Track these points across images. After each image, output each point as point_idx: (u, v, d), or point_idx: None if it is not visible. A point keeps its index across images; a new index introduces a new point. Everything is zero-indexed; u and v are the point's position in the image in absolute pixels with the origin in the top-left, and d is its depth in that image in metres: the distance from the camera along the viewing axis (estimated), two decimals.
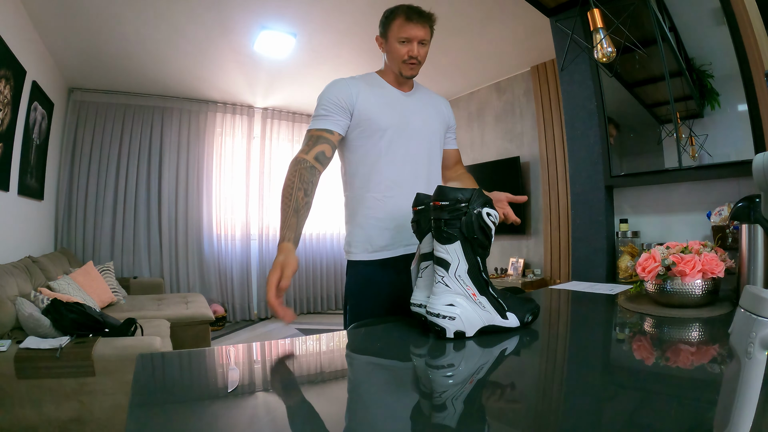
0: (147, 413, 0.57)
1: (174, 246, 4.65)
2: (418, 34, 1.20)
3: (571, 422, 0.54)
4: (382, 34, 1.26)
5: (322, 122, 1.21)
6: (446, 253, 0.87)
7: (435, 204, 0.87)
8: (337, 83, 1.24)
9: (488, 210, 0.86)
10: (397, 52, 1.22)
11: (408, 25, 1.19)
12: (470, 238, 0.86)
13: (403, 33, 1.20)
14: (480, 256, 0.88)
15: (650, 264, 1.11)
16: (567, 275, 3.63)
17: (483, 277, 0.89)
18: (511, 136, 4.41)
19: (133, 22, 3.06)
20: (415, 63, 1.23)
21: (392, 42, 1.22)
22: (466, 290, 0.88)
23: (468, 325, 0.87)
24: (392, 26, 1.22)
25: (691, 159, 1.67)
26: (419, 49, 1.22)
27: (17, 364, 1.72)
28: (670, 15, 1.70)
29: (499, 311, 0.90)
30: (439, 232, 0.87)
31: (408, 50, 1.21)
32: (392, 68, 1.26)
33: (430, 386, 0.69)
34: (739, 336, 0.37)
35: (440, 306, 0.87)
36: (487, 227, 0.86)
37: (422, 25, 1.20)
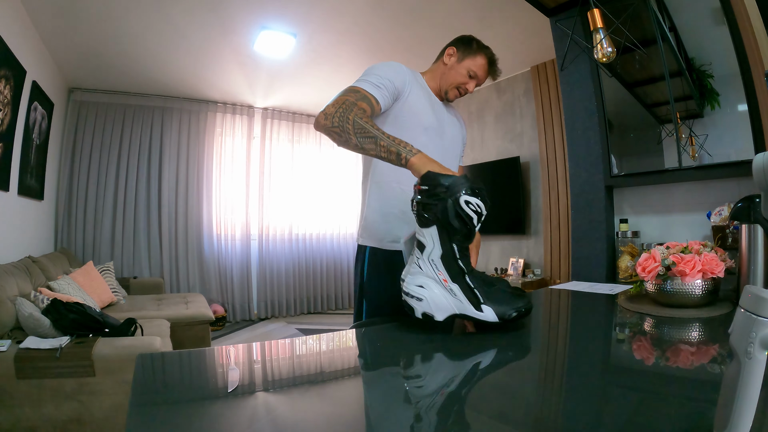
0: (147, 413, 0.57)
1: (174, 246, 4.65)
2: (482, 76, 1.33)
3: (571, 422, 0.54)
4: (460, 51, 1.32)
5: (373, 89, 1.13)
6: (423, 236, 0.89)
7: (416, 187, 0.88)
8: (396, 66, 1.22)
9: (467, 198, 0.84)
10: (459, 77, 1.31)
11: (484, 69, 1.31)
12: (446, 224, 0.85)
13: (476, 69, 1.30)
14: (457, 244, 0.87)
15: (650, 264, 1.11)
16: (567, 275, 3.63)
17: (459, 265, 0.88)
18: (511, 136, 4.41)
19: (133, 22, 3.06)
20: (462, 92, 1.33)
21: (462, 66, 1.31)
22: (437, 275, 0.88)
23: (435, 308, 0.87)
24: (474, 57, 1.31)
25: (691, 159, 1.67)
26: (474, 87, 1.34)
27: (17, 364, 1.72)
28: (670, 15, 1.70)
29: (472, 302, 0.88)
30: (419, 215, 0.88)
31: (467, 84, 1.31)
32: (441, 83, 1.33)
33: (427, 386, 0.69)
34: (739, 336, 0.37)
35: (411, 286, 0.89)
36: (465, 215, 0.84)
37: (491, 75, 1.34)
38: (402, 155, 0.95)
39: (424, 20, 3.14)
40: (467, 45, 1.32)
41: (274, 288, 5.14)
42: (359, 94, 1.10)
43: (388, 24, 3.18)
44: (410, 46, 3.55)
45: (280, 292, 5.16)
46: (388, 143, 0.97)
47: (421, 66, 1.40)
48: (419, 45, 3.55)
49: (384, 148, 0.97)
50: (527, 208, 4.12)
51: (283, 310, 5.15)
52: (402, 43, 3.49)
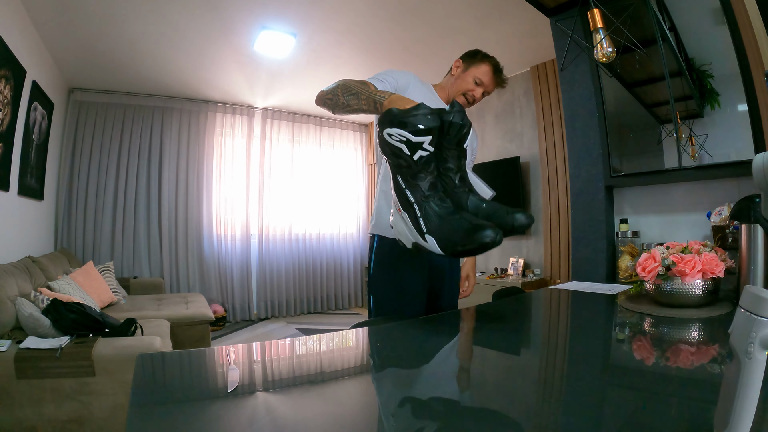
0: (147, 413, 0.57)
1: (174, 246, 4.65)
2: (489, 86, 1.41)
3: (571, 422, 0.54)
4: (466, 62, 1.43)
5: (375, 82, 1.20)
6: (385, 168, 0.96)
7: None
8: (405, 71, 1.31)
9: (388, 131, 0.83)
10: (466, 84, 1.40)
11: (489, 76, 1.40)
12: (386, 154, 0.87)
13: (482, 76, 1.39)
14: (401, 175, 0.88)
15: (650, 264, 1.11)
16: (567, 275, 3.62)
17: (406, 194, 0.89)
18: (511, 136, 4.41)
19: (133, 22, 3.06)
20: (470, 102, 1.41)
21: (468, 74, 1.40)
22: (394, 204, 0.93)
23: (402, 236, 0.92)
24: (479, 65, 1.40)
25: (691, 159, 1.67)
26: (481, 95, 1.41)
27: (17, 364, 1.72)
28: (670, 15, 1.70)
29: (418, 231, 0.88)
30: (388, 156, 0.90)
31: (474, 90, 1.40)
32: (450, 92, 1.42)
33: (428, 386, 0.69)
34: (739, 336, 0.37)
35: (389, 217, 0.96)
36: (395, 147, 0.83)
37: (497, 82, 1.41)
38: (377, 102, 0.97)
39: (424, 21, 3.14)
40: (472, 56, 1.43)
41: (274, 288, 5.14)
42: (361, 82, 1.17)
43: (388, 24, 3.18)
44: (410, 47, 3.54)
45: (280, 292, 5.16)
46: (368, 95, 1.00)
47: (421, 66, 1.41)
48: (419, 45, 3.55)
49: (365, 101, 1.00)
50: (527, 208, 4.11)
51: (283, 310, 5.15)
52: (402, 43, 3.49)
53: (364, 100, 1.01)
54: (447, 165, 0.87)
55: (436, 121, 0.81)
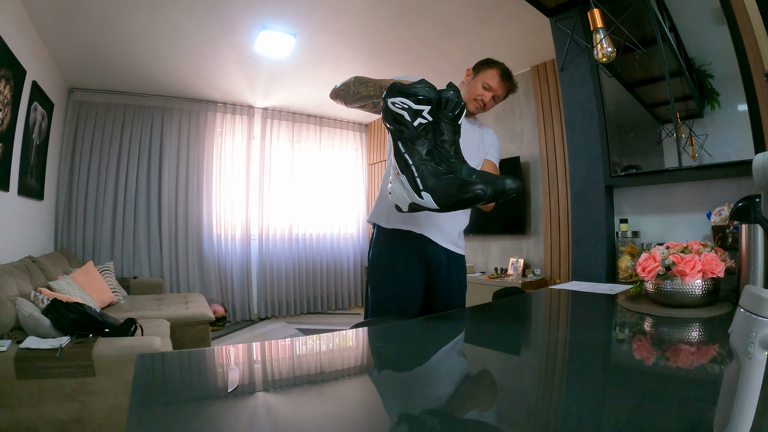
0: (147, 413, 0.57)
1: (174, 246, 4.65)
2: (498, 90, 1.45)
3: (571, 422, 0.54)
4: (475, 69, 1.49)
5: None
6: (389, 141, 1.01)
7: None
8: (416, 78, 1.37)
9: (393, 99, 0.93)
10: (476, 90, 1.44)
11: (498, 80, 1.44)
12: (388, 126, 0.97)
13: (490, 81, 1.44)
14: (401, 141, 0.96)
15: (650, 264, 1.11)
16: (567, 275, 3.62)
17: (405, 158, 0.96)
18: (511, 136, 4.41)
19: (133, 22, 3.06)
20: (481, 106, 1.45)
21: (478, 81, 1.45)
22: (393, 169, 0.99)
23: (400, 200, 0.97)
24: (487, 71, 1.44)
25: (691, 159, 1.67)
26: (491, 100, 1.45)
27: (17, 364, 1.72)
28: (670, 15, 1.70)
29: (415, 190, 0.95)
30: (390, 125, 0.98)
31: (483, 95, 1.44)
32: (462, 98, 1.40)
33: (428, 386, 0.69)
34: (739, 336, 0.37)
35: (387, 185, 1.01)
36: (397, 114, 0.93)
37: (506, 86, 1.45)
38: (383, 87, 1.05)
39: (424, 20, 3.14)
40: (481, 63, 1.49)
41: (274, 288, 5.14)
42: None
43: (388, 24, 3.18)
44: (410, 47, 3.54)
45: (280, 292, 5.16)
46: (375, 82, 1.09)
47: (421, 66, 1.42)
48: (419, 45, 3.54)
49: (372, 87, 1.09)
50: (527, 208, 4.11)
51: (283, 310, 5.15)
52: (402, 43, 3.49)
53: (372, 86, 1.09)
54: (443, 137, 0.95)
55: (435, 93, 0.92)
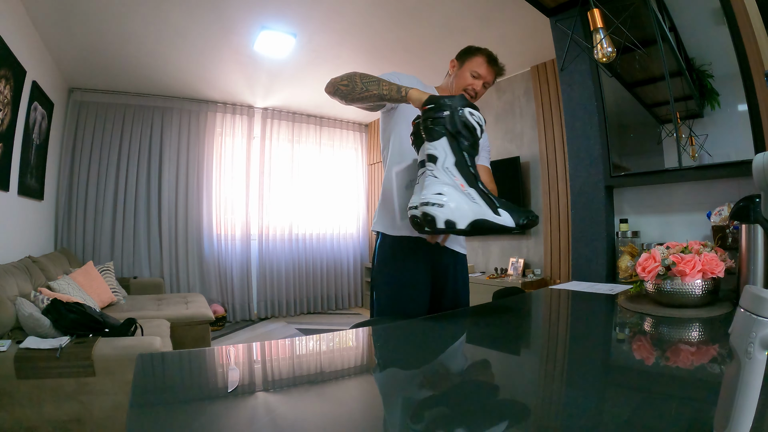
0: (147, 413, 0.57)
1: (174, 246, 4.65)
2: (488, 77, 1.40)
3: (571, 422, 0.54)
4: (460, 59, 1.43)
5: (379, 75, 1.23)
6: (434, 149, 0.96)
7: (423, 108, 0.99)
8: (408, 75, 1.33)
9: (471, 110, 0.95)
10: (464, 80, 1.39)
11: (485, 66, 1.39)
12: (455, 133, 0.95)
13: (477, 68, 1.39)
14: (467, 152, 0.94)
15: (650, 264, 1.11)
16: (567, 275, 3.62)
17: (471, 172, 0.94)
18: (511, 136, 4.41)
19: (133, 22, 3.05)
20: (472, 96, 1.40)
21: (465, 70, 1.40)
22: (455, 180, 0.93)
23: (459, 214, 0.90)
24: (473, 59, 1.40)
25: (691, 159, 1.67)
26: (482, 88, 1.41)
27: (17, 364, 1.72)
28: (670, 15, 1.70)
29: (490, 206, 0.93)
30: (428, 130, 0.97)
31: (473, 84, 1.39)
32: (452, 90, 1.41)
33: (429, 386, 0.69)
34: (739, 336, 0.37)
35: (429, 195, 0.93)
36: (470, 125, 0.94)
37: (494, 71, 1.40)
38: (402, 89, 1.08)
39: (424, 21, 3.14)
40: (465, 52, 1.44)
41: (274, 288, 5.14)
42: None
43: (388, 24, 3.18)
44: (410, 47, 3.54)
45: (280, 292, 5.16)
46: (389, 83, 1.09)
47: (421, 66, 1.41)
48: (419, 45, 3.54)
49: (386, 87, 1.09)
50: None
51: (283, 310, 5.15)
52: (402, 43, 3.49)
53: (386, 87, 1.09)
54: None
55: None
